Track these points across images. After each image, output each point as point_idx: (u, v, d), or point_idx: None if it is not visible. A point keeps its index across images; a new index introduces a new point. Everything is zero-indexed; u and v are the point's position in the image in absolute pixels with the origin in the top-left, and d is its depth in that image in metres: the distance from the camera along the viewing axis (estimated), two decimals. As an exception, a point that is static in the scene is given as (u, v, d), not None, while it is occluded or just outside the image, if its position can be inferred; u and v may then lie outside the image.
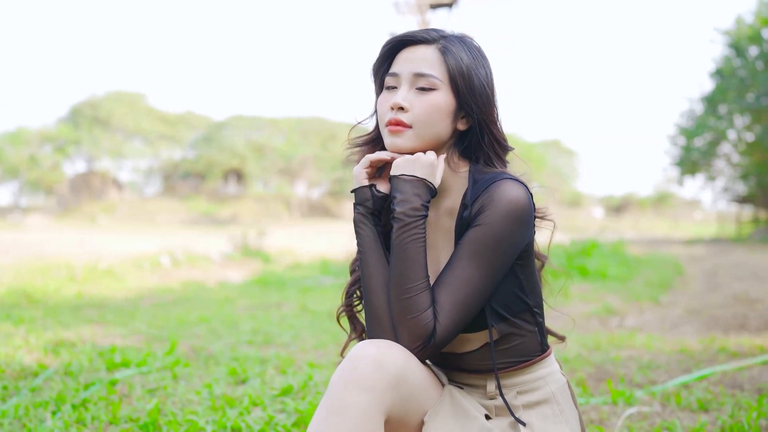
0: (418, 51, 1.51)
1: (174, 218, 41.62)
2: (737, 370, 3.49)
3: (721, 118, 28.81)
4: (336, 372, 1.36)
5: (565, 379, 1.63)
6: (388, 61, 1.57)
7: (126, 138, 50.04)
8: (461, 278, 1.43)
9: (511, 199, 1.44)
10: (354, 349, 1.38)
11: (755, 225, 30.66)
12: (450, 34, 1.56)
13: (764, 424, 2.47)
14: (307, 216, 46.72)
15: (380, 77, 1.58)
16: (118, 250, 13.68)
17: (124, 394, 2.97)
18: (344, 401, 1.30)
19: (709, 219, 45.38)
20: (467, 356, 1.57)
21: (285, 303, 6.75)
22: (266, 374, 3.32)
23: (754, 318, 5.36)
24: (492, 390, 1.56)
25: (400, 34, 1.56)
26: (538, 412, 1.54)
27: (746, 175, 30.04)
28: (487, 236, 1.43)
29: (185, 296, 7.45)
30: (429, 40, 1.53)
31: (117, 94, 49.64)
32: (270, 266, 11.76)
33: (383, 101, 1.54)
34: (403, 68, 1.51)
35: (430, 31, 1.56)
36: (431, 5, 12.42)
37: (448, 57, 1.49)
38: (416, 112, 1.48)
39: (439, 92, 1.48)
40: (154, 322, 5.26)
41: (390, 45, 1.55)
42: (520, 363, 1.55)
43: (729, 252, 16.22)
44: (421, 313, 1.41)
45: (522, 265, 1.52)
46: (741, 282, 8.47)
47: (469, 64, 1.50)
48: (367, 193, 1.53)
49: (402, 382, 1.37)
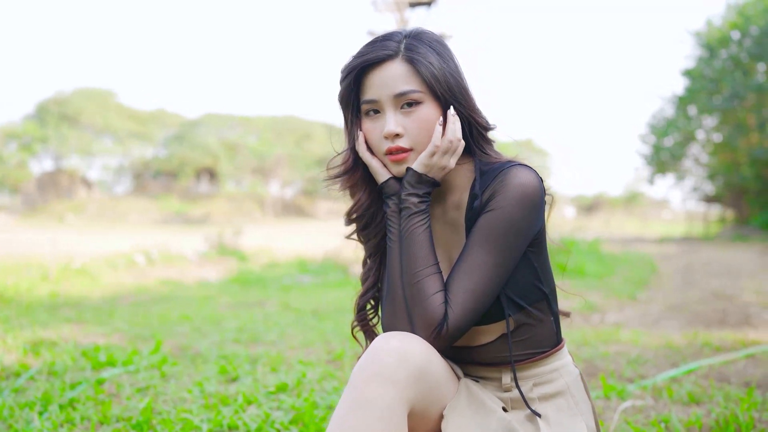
0: (386, 70, 1.46)
1: (145, 217, 41.13)
2: (723, 363, 3.54)
3: (690, 118, 29.31)
4: (358, 365, 1.33)
5: (578, 371, 1.62)
6: (356, 87, 1.52)
7: (95, 136, 49.32)
8: (473, 264, 1.42)
9: (522, 183, 1.42)
10: (376, 341, 1.35)
11: (722, 224, 31.23)
12: (405, 36, 1.50)
13: (757, 417, 2.50)
14: (280, 215, 46.50)
15: (353, 106, 1.53)
16: (90, 249, 13.47)
17: (112, 394, 2.90)
18: (368, 394, 1.28)
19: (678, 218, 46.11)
20: (483, 348, 1.55)
21: (267, 301, 6.70)
22: (257, 372, 3.28)
23: (733, 313, 5.45)
24: (507, 382, 1.54)
25: (359, 56, 1.49)
26: (554, 405, 1.53)
27: (714, 175, 30.59)
28: (500, 220, 1.42)
29: (164, 295, 7.35)
30: (391, 54, 1.47)
31: (86, 90, 48.90)
32: (247, 265, 11.67)
33: (371, 130, 1.50)
34: (380, 93, 1.47)
35: (386, 42, 1.48)
36: (410, 3, 12.42)
37: (418, 66, 1.45)
38: (412, 133, 1.46)
39: (424, 104, 1.46)
40: (134, 321, 5.17)
41: (353, 71, 1.49)
42: (536, 354, 1.54)
43: (699, 250, 16.49)
44: (430, 297, 1.40)
45: (535, 252, 1.51)
46: (716, 279, 8.61)
47: (439, 64, 1.47)
48: (395, 185, 1.50)
49: (424, 375, 1.35)
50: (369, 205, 1.57)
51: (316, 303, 6.51)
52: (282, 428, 2.40)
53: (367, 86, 1.49)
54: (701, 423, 2.43)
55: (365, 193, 1.57)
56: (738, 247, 17.93)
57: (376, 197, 1.58)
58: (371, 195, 1.58)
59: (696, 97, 27.64)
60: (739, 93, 24.70)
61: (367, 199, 1.57)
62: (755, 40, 24.03)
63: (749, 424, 2.36)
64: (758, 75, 24.36)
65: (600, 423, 2.46)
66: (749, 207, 27.74)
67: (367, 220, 1.59)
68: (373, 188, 1.58)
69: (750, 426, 2.34)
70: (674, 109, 30.09)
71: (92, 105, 47.53)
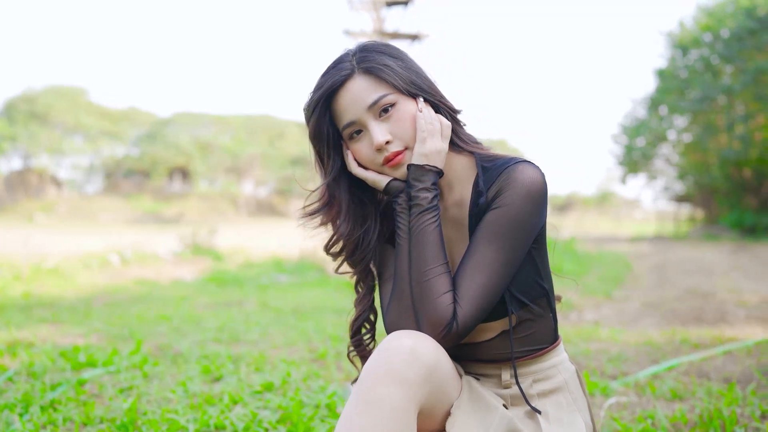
0: (350, 89, 1.46)
1: (117, 217, 40.62)
2: (702, 360, 3.59)
3: (662, 118, 29.76)
4: (369, 363, 1.32)
5: (574, 367, 1.63)
6: (328, 118, 1.51)
7: (65, 134, 48.60)
8: (482, 262, 1.41)
9: (531, 180, 1.43)
10: (387, 341, 1.34)
11: (692, 223, 31.75)
12: (353, 54, 1.50)
13: (740, 412, 2.54)
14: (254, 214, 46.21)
15: (327, 137, 1.52)
16: (62, 249, 13.25)
17: (94, 394, 2.86)
18: (379, 394, 1.26)
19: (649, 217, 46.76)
20: (484, 345, 1.55)
21: (245, 300, 6.65)
22: (241, 372, 3.25)
23: (709, 311, 5.53)
24: (507, 379, 1.54)
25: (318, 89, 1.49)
26: (553, 401, 1.54)
27: (684, 175, 31.09)
28: (507, 217, 1.42)
29: (139, 295, 7.25)
30: (348, 72, 1.47)
31: (56, 88, 48.13)
32: (222, 264, 11.58)
33: (360, 149, 1.49)
34: (354, 113, 1.46)
35: (338, 66, 1.49)
36: (387, 2, 12.40)
37: (377, 72, 1.46)
38: (399, 134, 1.46)
39: (398, 104, 1.46)
40: (111, 321, 5.10)
41: (319, 103, 1.49)
42: (536, 351, 1.55)
43: (671, 249, 16.74)
44: (440, 296, 1.39)
45: (537, 249, 1.52)
46: (689, 277, 8.74)
47: (394, 63, 1.48)
48: (399, 184, 1.50)
49: (434, 375, 1.34)
50: (351, 232, 1.56)
51: (295, 302, 6.48)
52: (270, 427, 2.38)
53: (339, 112, 1.49)
54: (686, 419, 2.45)
55: (346, 222, 1.55)
56: (708, 245, 18.25)
57: (359, 221, 1.57)
58: (354, 221, 1.56)
59: (667, 98, 28.07)
60: (709, 94, 25.13)
61: (347, 228, 1.55)
62: (725, 43, 24.47)
63: (732, 419, 2.39)
64: (727, 77, 24.81)
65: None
66: (718, 206, 28.23)
67: (351, 248, 1.57)
68: (356, 215, 1.56)
69: (734, 421, 2.37)
70: (646, 110, 30.53)
71: (62, 103, 46.80)
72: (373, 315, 1.64)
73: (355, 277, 1.63)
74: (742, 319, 5.09)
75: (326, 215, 1.57)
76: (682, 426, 2.42)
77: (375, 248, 1.58)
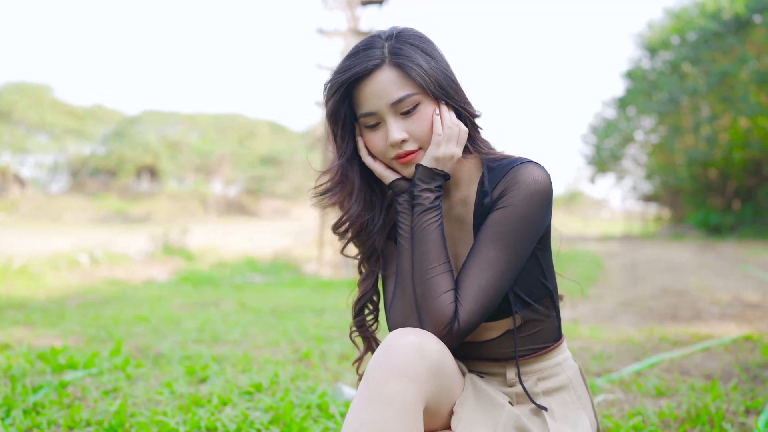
0: (376, 80, 1.44)
1: (82, 216, 39.93)
2: (683, 357, 3.64)
3: (630, 119, 30.25)
4: (374, 360, 1.31)
5: (577, 365, 1.64)
6: (347, 102, 1.50)
7: (29, 132, 47.60)
8: (485, 262, 1.41)
9: (535, 180, 1.43)
10: (391, 337, 1.33)
11: (659, 223, 32.33)
12: (386, 39, 1.47)
13: (725, 407, 2.58)
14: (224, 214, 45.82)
15: (344, 119, 1.51)
16: (28, 249, 12.98)
17: (77, 397, 2.79)
18: (387, 390, 1.26)
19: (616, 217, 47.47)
20: (488, 344, 1.55)
21: (222, 300, 6.59)
22: (227, 372, 3.21)
23: (684, 309, 5.63)
24: (512, 377, 1.54)
25: (344, 71, 1.46)
26: (558, 399, 1.54)
27: (651, 175, 31.65)
28: (512, 217, 1.42)
29: (112, 295, 7.14)
30: (378, 63, 1.44)
31: (19, 85, 47.12)
32: (194, 264, 11.47)
33: (373, 140, 1.49)
34: (376, 105, 1.44)
35: (369, 52, 1.45)
36: (361, 1, 12.37)
37: (407, 69, 1.43)
38: (416, 134, 1.45)
39: (422, 105, 1.45)
40: (86, 322, 5.00)
41: (342, 86, 1.46)
42: (540, 350, 1.55)
43: (640, 248, 17.00)
44: (441, 295, 1.39)
45: (542, 249, 1.52)
46: (661, 275, 8.89)
47: (426, 63, 1.45)
48: (404, 183, 1.49)
49: (440, 371, 1.35)
50: (360, 213, 1.55)
51: (273, 302, 6.43)
52: (262, 428, 2.35)
53: (360, 99, 1.47)
54: (675, 415, 2.49)
55: (357, 203, 1.54)
56: (676, 244, 18.58)
57: (368, 205, 1.56)
58: (364, 204, 1.55)
59: (635, 99, 28.54)
60: (676, 96, 25.61)
61: (357, 209, 1.54)
62: (691, 46, 24.94)
63: (719, 414, 2.43)
64: (693, 79, 25.29)
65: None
66: (685, 206, 28.79)
67: (357, 228, 1.56)
68: (366, 197, 1.55)
69: (720, 417, 2.41)
70: (615, 110, 31.00)
71: (26, 100, 45.82)
72: (376, 296, 1.62)
73: (358, 257, 1.61)
74: (716, 317, 5.18)
75: (339, 194, 1.55)
76: (671, 422, 2.44)
77: (380, 231, 1.56)
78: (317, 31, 12.88)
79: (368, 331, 1.63)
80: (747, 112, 22.91)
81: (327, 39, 13.00)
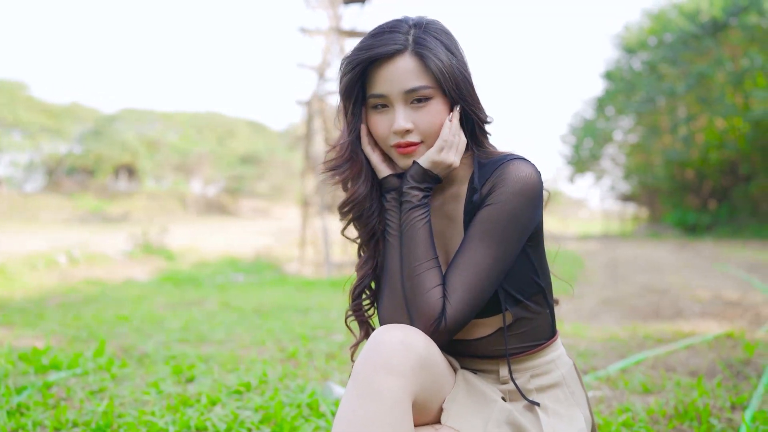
0: (395, 64, 1.43)
1: (59, 216, 39.39)
2: (667, 354, 3.68)
3: (608, 119, 30.53)
4: (361, 356, 1.31)
5: (571, 362, 1.64)
6: (361, 80, 1.49)
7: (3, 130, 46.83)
8: (473, 258, 1.41)
9: (522, 177, 1.42)
10: (377, 334, 1.33)
11: (637, 222, 32.67)
12: (412, 26, 1.47)
13: (712, 404, 2.61)
14: (203, 213, 45.48)
15: (356, 97, 1.50)
16: (4, 249, 12.78)
17: (62, 398, 2.75)
18: (376, 386, 1.26)
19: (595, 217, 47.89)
20: (481, 342, 1.55)
21: (205, 300, 6.54)
22: (215, 372, 3.18)
23: (666, 306, 5.69)
24: (505, 375, 1.54)
25: (366, 49, 1.45)
26: (551, 395, 1.55)
27: (629, 175, 31.97)
28: (500, 214, 1.41)
29: (92, 295, 7.05)
30: (400, 48, 1.43)
31: (-7, 82, 46.36)
32: (174, 264, 11.38)
33: (378, 122, 1.48)
34: (389, 89, 1.44)
35: (393, 35, 1.44)
36: (344, 0, 12.35)
37: (428, 61, 1.42)
38: (422, 127, 1.44)
39: (433, 100, 1.44)
40: (67, 323, 4.94)
41: (361, 64, 1.45)
42: (533, 347, 1.55)
43: (619, 247, 17.16)
44: (429, 291, 1.39)
45: (533, 247, 1.52)
46: (642, 274, 8.97)
47: (447, 60, 1.44)
48: (395, 181, 1.49)
49: (428, 367, 1.35)
50: (366, 195, 1.54)
51: (256, 302, 6.40)
52: (253, 428, 2.34)
53: (375, 80, 1.46)
54: (664, 411, 2.51)
55: (364, 183, 1.53)
56: (654, 243, 18.78)
57: (374, 187, 1.55)
58: (371, 185, 1.54)
59: (614, 99, 28.82)
60: (653, 97, 25.89)
61: (365, 190, 1.53)
62: (669, 47, 25.22)
63: (706, 410, 2.46)
64: (671, 80, 25.58)
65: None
66: (662, 206, 29.13)
67: (359, 210, 1.55)
68: (373, 179, 1.54)
69: (708, 413, 2.44)
70: (594, 110, 31.27)
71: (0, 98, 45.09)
72: (375, 281, 1.60)
73: (358, 240, 1.60)
74: (697, 315, 5.25)
75: (349, 171, 1.53)
76: (660, 418, 2.47)
77: (381, 215, 1.54)
78: (299, 29, 12.82)
79: (365, 316, 1.62)
80: (723, 113, 23.24)
81: (309, 38, 12.96)
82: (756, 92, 21.43)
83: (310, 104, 13.23)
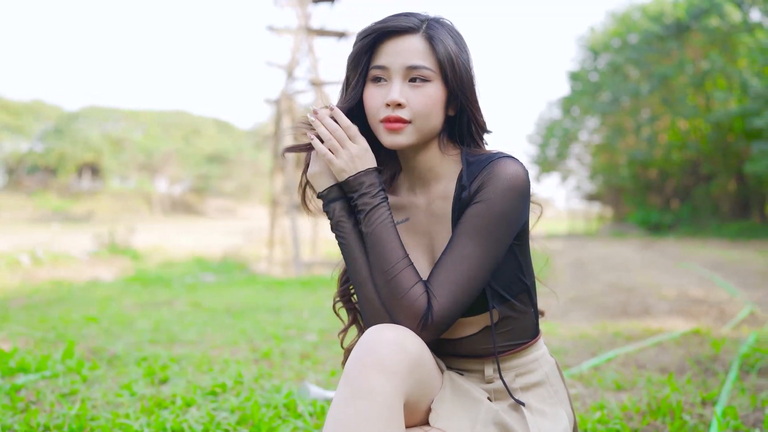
0: (404, 41, 1.45)
1: (19, 215, 38.57)
2: (637, 351, 3.74)
3: (574, 119, 30.93)
4: (353, 355, 1.30)
5: (554, 360, 1.65)
6: (370, 52, 1.49)
7: (-38, 128, 45.69)
8: (460, 255, 1.40)
9: (511, 175, 1.43)
10: (369, 333, 1.32)
11: (602, 221, 33.14)
12: (428, 17, 1.51)
13: (684, 400, 2.66)
14: (169, 213, 44.92)
15: (362, 68, 1.50)
16: (-36, 249, 12.46)
17: (32, 401, 2.69)
18: (368, 385, 1.25)
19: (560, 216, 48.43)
20: (466, 341, 1.55)
21: (174, 300, 6.45)
22: (188, 373, 3.14)
23: (634, 304, 5.78)
24: (490, 374, 1.55)
25: (381, 22, 1.48)
26: (535, 394, 1.56)
27: (594, 175, 32.43)
28: (488, 212, 1.41)
29: (58, 296, 6.91)
30: (414, 28, 1.46)
31: (-48, 79, 45.19)
32: (141, 264, 11.22)
33: (373, 95, 1.47)
34: (393, 61, 1.45)
35: (410, 17, 1.48)
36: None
37: (436, 45, 1.45)
38: (415, 107, 1.44)
39: (432, 83, 1.45)
40: (33, 324, 4.83)
41: (373, 35, 1.47)
42: (518, 345, 1.56)
43: (585, 246, 17.39)
44: (408, 290, 1.38)
45: (519, 245, 1.52)
46: (609, 272, 9.10)
47: (455, 51, 1.47)
48: (338, 192, 1.47)
49: (419, 367, 1.34)
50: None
51: (227, 302, 6.34)
52: (230, 429, 2.31)
53: (381, 52, 1.47)
54: (637, 408, 2.55)
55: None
56: (618, 242, 19.07)
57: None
58: None
59: (579, 99, 29.20)
60: (618, 97, 26.31)
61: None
62: (633, 48, 25.64)
63: (679, 406, 2.50)
64: (635, 81, 26.02)
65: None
66: (626, 205, 29.60)
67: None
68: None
69: (680, 409, 2.48)
70: (560, 110, 31.65)
71: (-42, 94, 43.98)
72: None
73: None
74: (664, 312, 5.34)
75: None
76: (634, 415, 2.50)
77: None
78: (267, 28, 12.73)
79: (352, 302, 1.61)
80: (685, 114, 23.72)
81: (277, 36, 12.88)
82: (716, 94, 21.92)
83: (278, 103, 13.15)
